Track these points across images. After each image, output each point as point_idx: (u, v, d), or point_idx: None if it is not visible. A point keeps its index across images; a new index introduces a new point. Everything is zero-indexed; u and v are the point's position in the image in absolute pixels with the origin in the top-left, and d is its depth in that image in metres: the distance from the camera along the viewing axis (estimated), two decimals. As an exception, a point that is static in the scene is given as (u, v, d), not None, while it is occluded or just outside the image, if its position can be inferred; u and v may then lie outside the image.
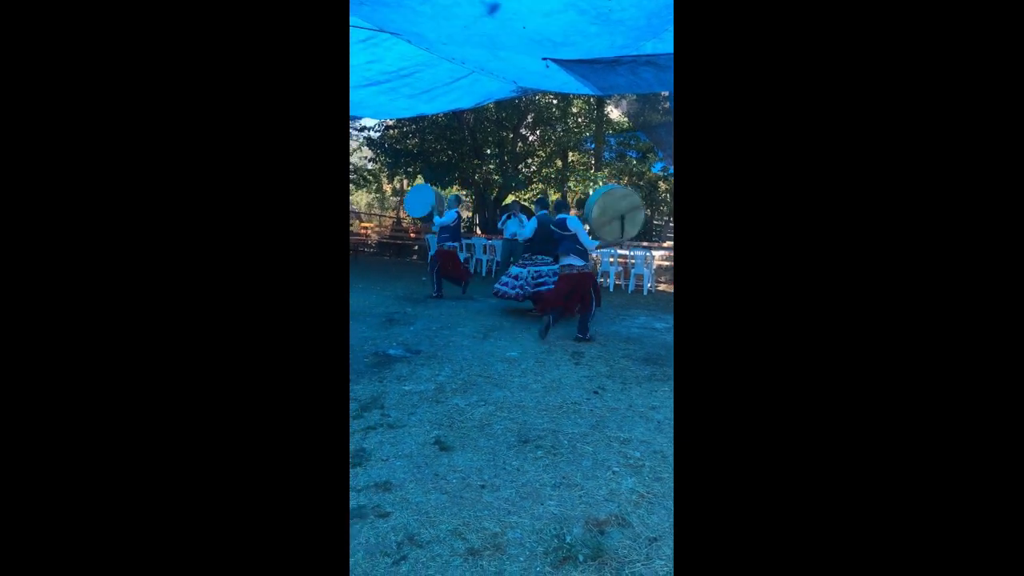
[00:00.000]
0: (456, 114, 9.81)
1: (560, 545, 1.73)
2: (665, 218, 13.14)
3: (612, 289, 7.80)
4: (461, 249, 9.26)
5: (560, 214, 4.60)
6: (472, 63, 3.90)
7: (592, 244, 4.53)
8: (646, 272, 7.70)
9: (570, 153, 11.90)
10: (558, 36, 3.00)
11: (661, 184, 12.84)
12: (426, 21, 2.90)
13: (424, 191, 7.02)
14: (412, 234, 12.46)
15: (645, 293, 7.50)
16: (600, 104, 10.54)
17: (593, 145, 11.11)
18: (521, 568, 1.62)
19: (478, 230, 12.13)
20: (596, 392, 3.26)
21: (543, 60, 3.44)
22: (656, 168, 11.21)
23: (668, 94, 5.75)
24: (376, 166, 13.50)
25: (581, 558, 1.67)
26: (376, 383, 3.30)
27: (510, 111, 10.67)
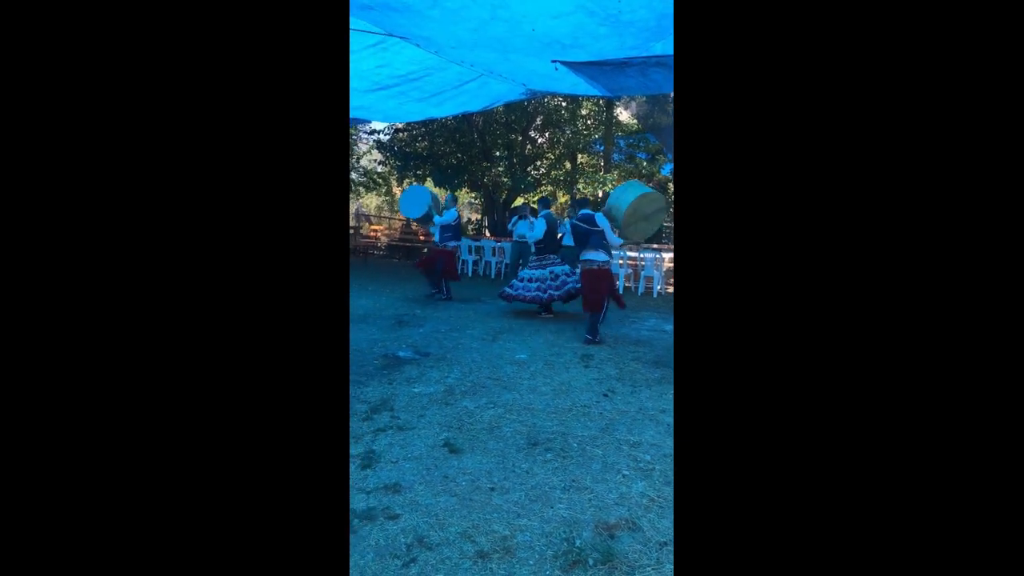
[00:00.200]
0: (465, 117, 9.84)
1: (570, 548, 1.72)
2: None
3: (622, 291, 7.77)
4: (470, 252, 9.32)
5: (584, 210, 4.68)
6: (481, 66, 3.91)
7: (618, 241, 4.62)
8: (656, 274, 7.66)
9: (579, 155, 11.88)
10: (567, 38, 3.00)
11: (671, 186, 12.78)
12: (435, 25, 2.92)
13: (420, 191, 6.75)
14: (421, 237, 12.51)
15: (655, 295, 7.46)
16: (609, 106, 10.53)
17: (602, 147, 11.09)
18: (530, 571, 1.62)
19: (487, 232, 12.15)
20: (606, 395, 3.25)
21: (552, 62, 3.44)
22: (665, 170, 11.16)
23: (678, 95, 5.74)
24: (386, 169, 13.59)
25: (591, 562, 1.66)
26: (386, 385, 3.31)
27: (519, 114, 10.69)
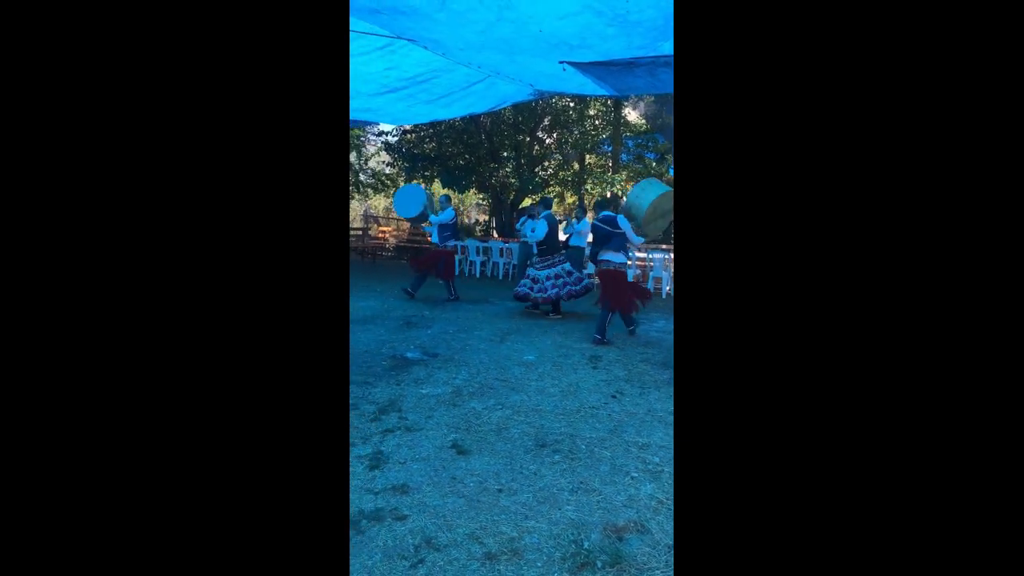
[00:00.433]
0: (473, 118, 9.86)
1: (578, 551, 1.72)
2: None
3: (630, 292, 7.73)
4: (478, 253, 9.33)
5: (605, 212, 4.77)
6: (488, 67, 3.91)
7: (639, 240, 4.75)
8: (664, 275, 7.62)
9: (587, 155, 11.86)
10: (574, 39, 2.99)
11: (679, 186, 12.69)
12: (442, 27, 2.93)
13: (415, 191, 6.60)
14: (429, 238, 12.54)
15: (663, 296, 7.42)
16: (617, 106, 10.50)
17: (610, 147, 11.06)
18: (538, 573, 1.61)
19: (495, 233, 12.15)
20: (614, 396, 3.24)
21: (560, 63, 3.43)
22: (674, 170, 11.11)
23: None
24: (394, 170, 13.64)
25: (599, 564, 1.65)
26: (394, 386, 3.32)
27: (527, 114, 10.69)
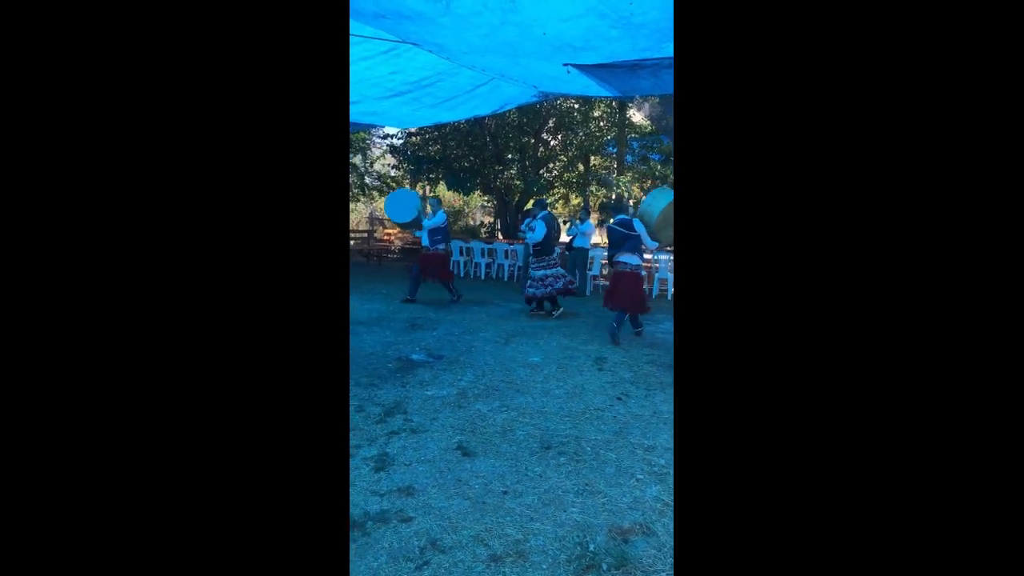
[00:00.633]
0: (477, 120, 9.89)
1: (583, 553, 1.72)
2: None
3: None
4: (483, 255, 9.34)
5: (621, 215, 4.89)
6: (493, 70, 3.93)
7: (653, 244, 4.89)
8: (670, 277, 7.60)
9: (592, 157, 11.85)
10: (578, 41, 3.00)
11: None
12: (446, 32, 2.94)
13: (407, 195, 6.51)
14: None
15: (669, 298, 7.40)
16: (622, 108, 10.49)
17: (615, 149, 11.04)
18: (544, 576, 1.62)
19: (500, 235, 12.17)
20: (620, 398, 3.23)
21: (564, 65, 3.44)
22: (679, 171, 11.04)
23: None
24: (399, 173, 13.70)
25: (605, 567, 1.65)
26: (399, 388, 3.34)
27: (531, 116, 10.70)
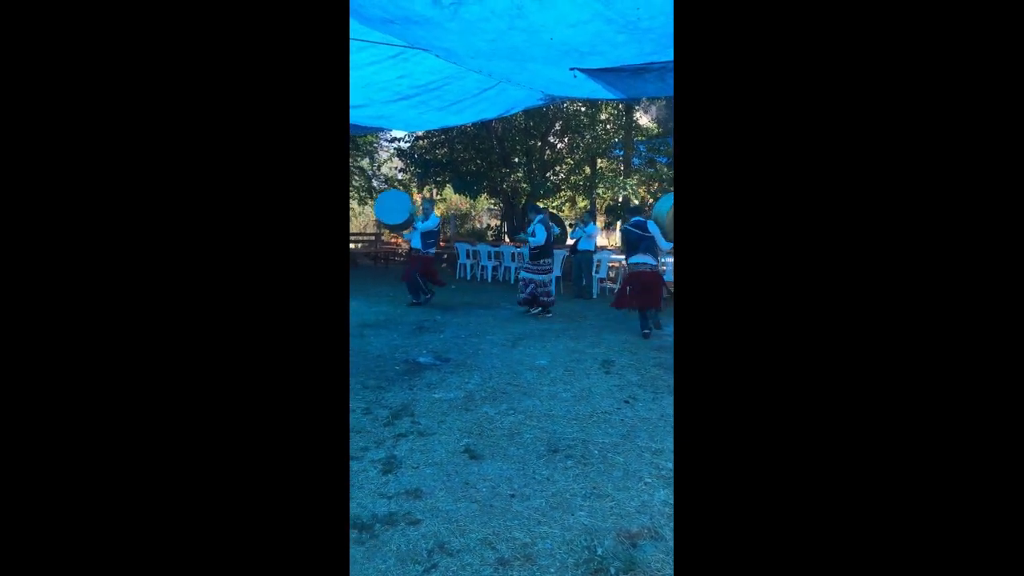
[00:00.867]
0: (484, 123, 9.92)
1: (591, 557, 1.72)
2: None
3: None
4: (490, 258, 9.36)
5: (636, 217, 5.07)
6: (499, 75, 3.95)
7: (667, 245, 5.05)
8: (677, 279, 7.57)
9: (598, 160, 11.84)
10: (585, 46, 3.01)
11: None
12: (454, 37, 2.96)
13: (399, 196, 6.36)
14: (442, 243, 12.61)
15: (676, 300, 7.37)
16: (629, 110, 10.48)
17: (622, 152, 11.03)
18: (551, 579, 1.62)
19: (506, 238, 12.18)
20: (627, 401, 3.23)
21: (571, 70, 3.45)
22: (686, 173, 10.99)
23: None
24: (406, 176, 13.77)
25: (613, 571, 1.65)
26: (407, 391, 3.35)
27: (538, 119, 10.72)
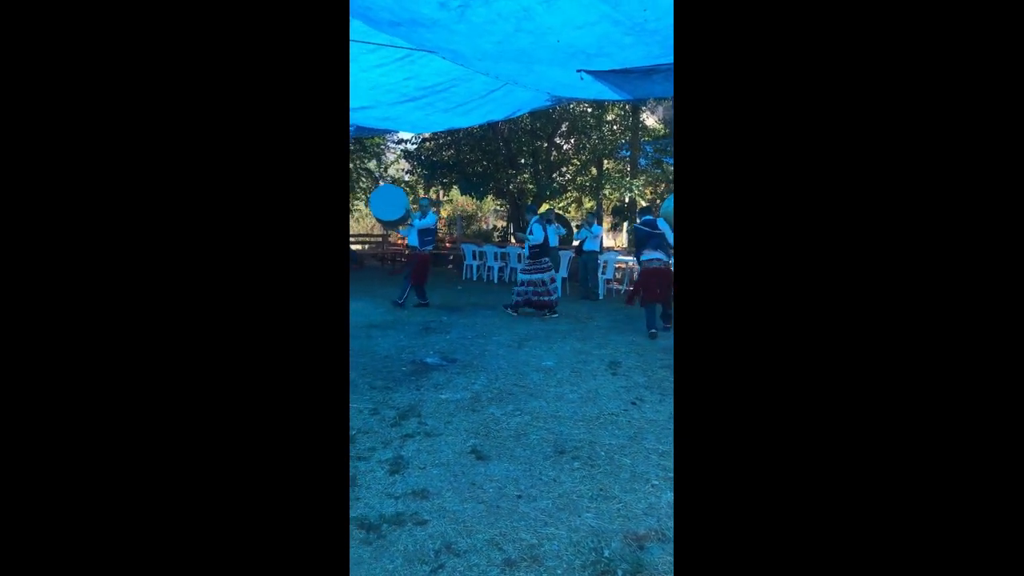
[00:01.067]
0: (491, 125, 9.94)
1: (598, 559, 1.72)
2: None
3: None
4: (496, 259, 9.38)
5: (647, 216, 5.38)
6: (506, 76, 3.96)
7: None
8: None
9: (605, 161, 11.84)
10: (592, 48, 3.01)
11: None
12: (461, 39, 2.98)
13: (394, 192, 6.15)
14: (448, 244, 12.64)
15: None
16: (635, 111, 10.46)
17: (629, 152, 11.02)
18: (558, 581, 1.62)
19: (512, 239, 12.19)
20: (634, 403, 3.22)
21: (577, 72, 3.46)
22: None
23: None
24: (413, 178, 13.81)
25: (620, 573, 1.65)
26: (414, 391, 3.36)
27: (544, 121, 10.73)
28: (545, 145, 11.44)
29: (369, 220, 16.71)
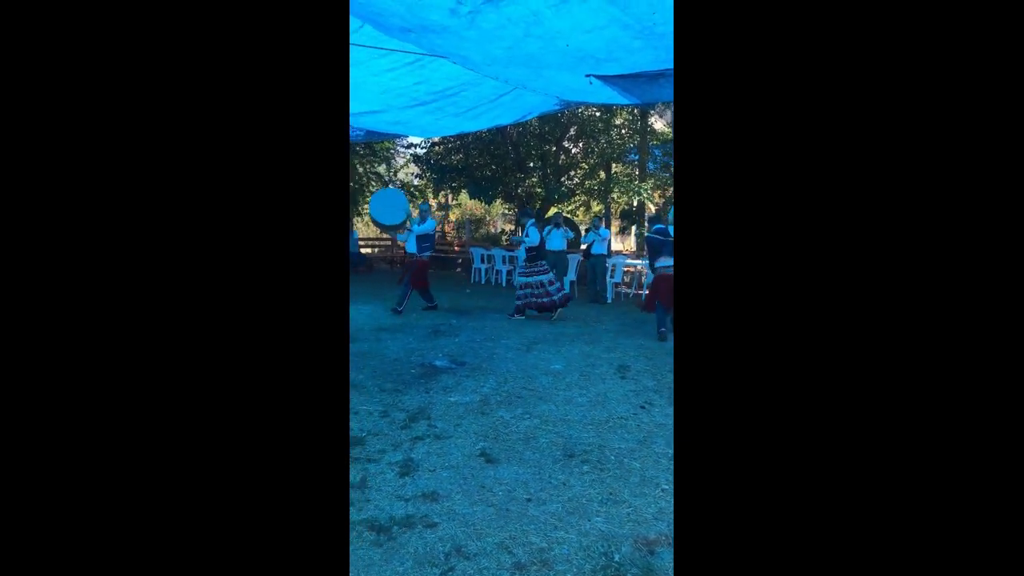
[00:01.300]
0: (499, 129, 9.97)
1: (608, 563, 1.71)
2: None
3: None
4: (504, 262, 9.39)
5: (658, 224, 5.48)
6: (515, 81, 3.97)
7: None
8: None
9: (613, 164, 11.82)
10: (601, 52, 3.02)
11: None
12: (471, 45, 3.00)
13: (395, 195, 6.14)
14: (457, 247, 12.68)
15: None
16: (644, 115, 10.45)
17: (637, 156, 11.00)
18: (568, 585, 1.62)
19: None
20: (643, 407, 3.21)
21: (586, 76, 3.46)
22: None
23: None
24: (422, 182, 13.88)
25: (629, 577, 1.65)
26: (423, 394, 3.37)
27: (553, 124, 10.74)
28: (554, 149, 11.45)
29: (378, 224, 16.78)
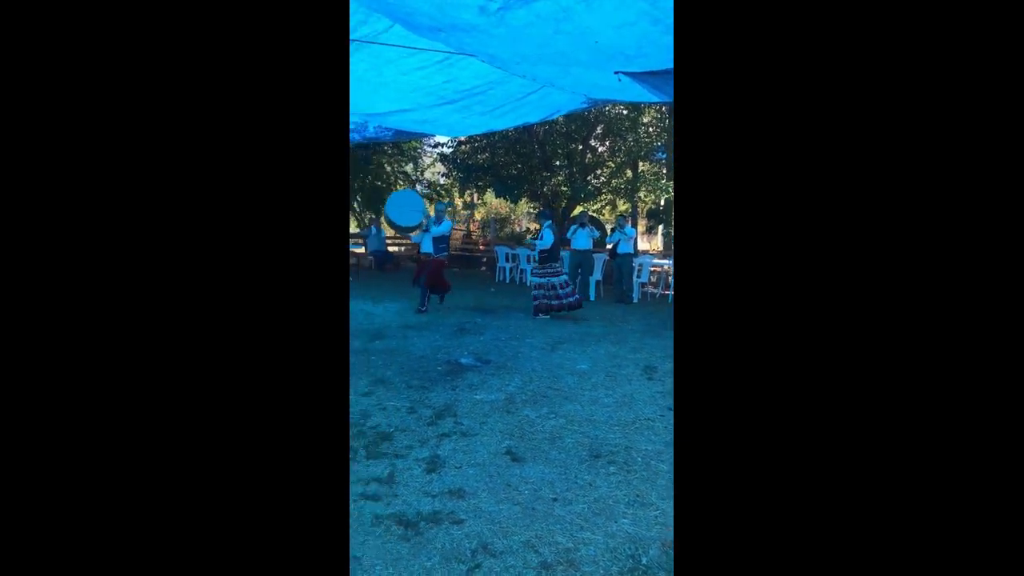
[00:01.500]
0: (526, 127, 9.96)
1: (636, 566, 1.69)
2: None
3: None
4: (528, 261, 9.38)
5: None
6: (543, 79, 3.96)
7: None
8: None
9: (640, 163, 11.68)
10: (631, 48, 2.98)
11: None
12: (500, 43, 3.00)
13: (412, 197, 6.18)
14: (482, 247, 12.72)
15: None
16: (672, 113, 10.29)
17: (665, 155, 10.84)
18: (595, 586, 1.60)
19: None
20: (671, 408, 3.16)
21: (615, 73, 3.43)
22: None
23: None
24: (448, 181, 13.98)
25: (658, 581, 1.62)
26: (449, 391, 3.40)
27: (579, 123, 10.68)
28: (580, 147, 11.38)
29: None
